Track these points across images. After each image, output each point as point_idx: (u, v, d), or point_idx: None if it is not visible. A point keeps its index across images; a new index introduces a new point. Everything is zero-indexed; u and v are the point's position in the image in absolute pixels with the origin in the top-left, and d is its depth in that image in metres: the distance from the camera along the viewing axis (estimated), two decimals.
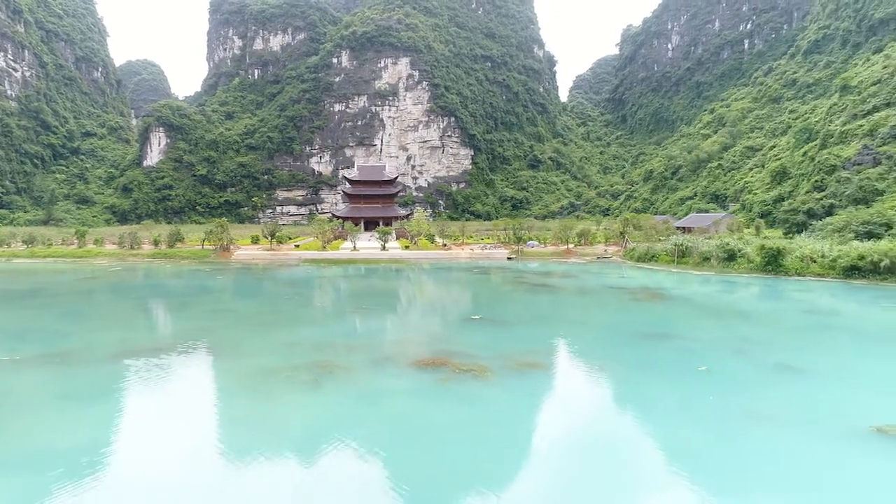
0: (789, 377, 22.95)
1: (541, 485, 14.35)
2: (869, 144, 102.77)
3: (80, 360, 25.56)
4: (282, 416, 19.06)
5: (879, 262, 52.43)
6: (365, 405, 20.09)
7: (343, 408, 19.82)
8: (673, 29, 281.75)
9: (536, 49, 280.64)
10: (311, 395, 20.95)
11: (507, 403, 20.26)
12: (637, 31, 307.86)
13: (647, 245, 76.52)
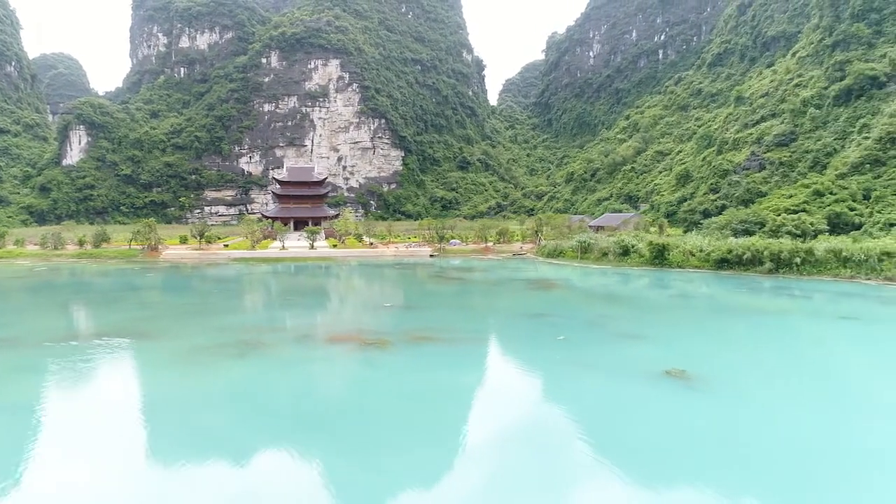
0: (624, 341, 29.15)
1: (422, 418, 19.51)
2: (756, 151, 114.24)
3: (24, 344, 28.86)
4: (210, 378, 23.40)
5: (743, 255, 60.85)
6: (282, 369, 24.74)
7: (263, 372, 24.37)
8: (594, 38, 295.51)
9: (465, 54, 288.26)
10: (237, 363, 25.35)
11: (400, 364, 25.36)
12: (561, 38, 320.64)
13: (556, 243, 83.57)
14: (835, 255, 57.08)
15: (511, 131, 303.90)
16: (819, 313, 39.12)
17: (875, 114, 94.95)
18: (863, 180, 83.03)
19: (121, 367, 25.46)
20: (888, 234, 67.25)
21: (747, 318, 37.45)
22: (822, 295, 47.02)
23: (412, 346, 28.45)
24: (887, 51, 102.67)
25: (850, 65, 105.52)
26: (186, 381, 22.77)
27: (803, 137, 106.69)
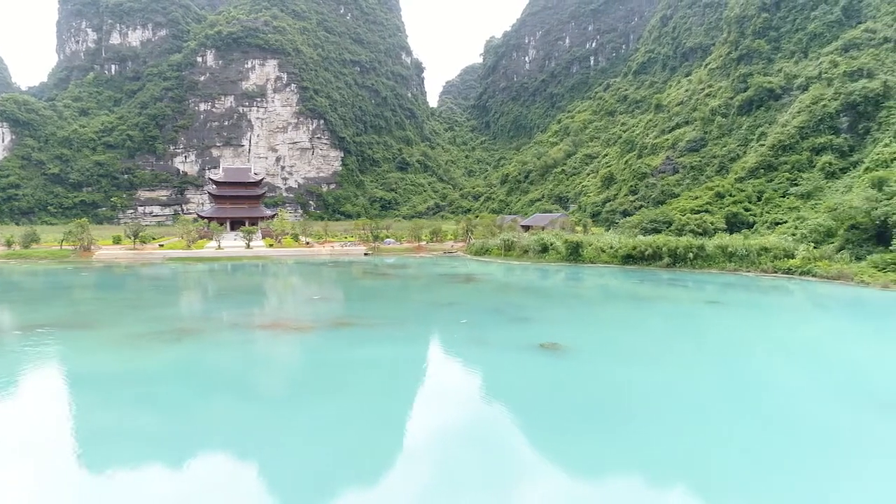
0: (517, 323, 34.03)
1: (335, 383, 23.57)
2: (671, 156, 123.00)
3: None
4: (149, 357, 26.72)
5: (645, 251, 67.47)
6: (214, 349, 28.30)
7: (196, 352, 27.87)
8: (530, 43, 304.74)
9: (404, 56, 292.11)
10: (174, 346, 28.72)
11: (318, 344, 29.32)
12: (498, 43, 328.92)
13: (483, 241, 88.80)
14: (722, 251, 64.31)
15: (450, 133, 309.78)
16: (691, 299, 45.32)
17: (772, 123, 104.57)
18: (757, 183, 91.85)
19: (63, 350, 28.36)
20: (773, 232, 75.37)
21: (630, 304, 43.20)
22: (703, 284, 53.62)
23: (332, 330, 32.42)
24: (783, 66, 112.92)
25: (752, 77, 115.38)
26: (127, 360, 26.01)
27: (712, 143, 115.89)
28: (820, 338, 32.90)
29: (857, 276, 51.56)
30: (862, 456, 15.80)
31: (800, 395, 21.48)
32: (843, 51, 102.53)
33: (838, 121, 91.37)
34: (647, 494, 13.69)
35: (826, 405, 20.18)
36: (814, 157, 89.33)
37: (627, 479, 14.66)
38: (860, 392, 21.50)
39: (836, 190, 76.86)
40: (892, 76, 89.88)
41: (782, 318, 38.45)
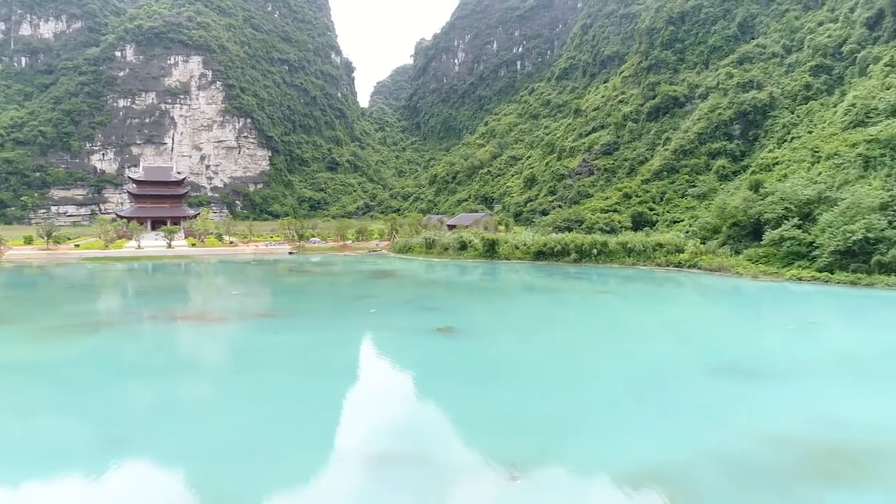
0: (422, 312, 37.21)
1: (247, 364, 25.89)
2: (587, 158, 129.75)
3: None
4: (66, 346, 28.17)
5: (555, 248, 72.27)
6: (131, 339, 30.00)
7: (114, 341, 29.49)
8: (459, 46, 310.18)
9: (334, 55, 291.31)
10: (91, 336, 30.20)
11: (235, 332, 31.46)
12: (429, 45, 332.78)
13: (406, 240, 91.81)
14: (622, 247, 69.83)
15: (381, 133, 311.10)
16: (586, 290, 49.93)
17: (675, 129, 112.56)
18: (660, 185, 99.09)
19: None
20: (672, 229, 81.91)
21: (531, 294, 47.28)
22: (603, 277, 58.53)
23: (250, 320, 34.59)
24: (687, 76, 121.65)
25: (660, 86, 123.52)
26: (43, 349, 27.40)
27: (623, 147, 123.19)
28: (683, 318, 37.72)
29: (734, 268, 57.76)
30: (687, 404, 19.69)
31: (649, 361, 25.51)
32: (738, 63, 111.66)
33: (732, 128, 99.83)
34: (516, 437, 16.89)
35: (670, 369, 24.20)
36: (710, 161, 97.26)
37: (497, 425, 17.87)
38: (702, 360, 25.78)
39: (727, 191, 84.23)
40: (778, 88, 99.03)
41: (656, 304, 43.39)
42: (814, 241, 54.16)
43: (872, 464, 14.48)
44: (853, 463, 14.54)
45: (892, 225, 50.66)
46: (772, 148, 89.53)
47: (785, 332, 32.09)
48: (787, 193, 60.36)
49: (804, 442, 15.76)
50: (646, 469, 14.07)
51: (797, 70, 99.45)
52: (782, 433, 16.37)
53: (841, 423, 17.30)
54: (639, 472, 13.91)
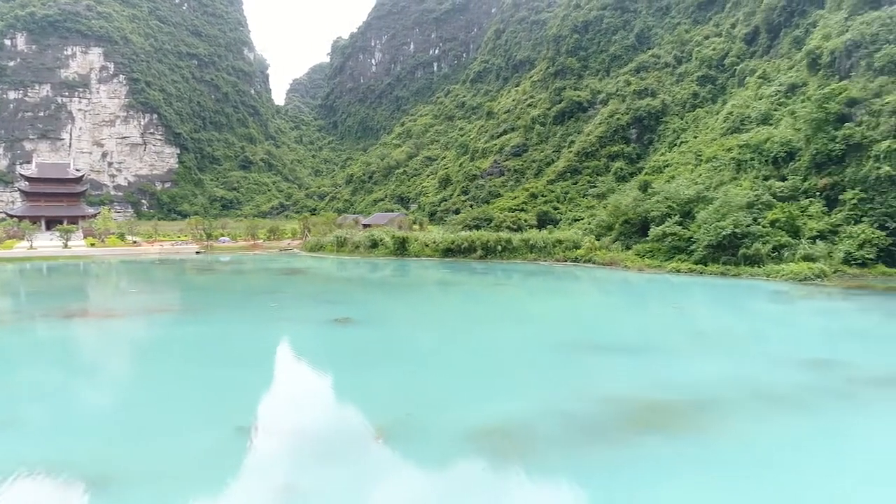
0: (323, 305, 38.42)
1: (145, 357, 26.29)
2: (498, 159, 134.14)
3: None
4: None
5: (462, 245, 74.92)
6: (18, 333, 29.55)
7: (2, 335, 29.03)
8: (376, 46, 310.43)
9: (247, 51, 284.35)
10: None
11: (129, 326, 31.56)
12: (345, 43, 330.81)
13: (318, 238, 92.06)
14: (525, 244, 73.41)
15: (297, 132, 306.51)
16: (484, 283, 52.67)
17: (579, 132, 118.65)
18: (564, 185, 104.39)
19: None
20: (573, 227, 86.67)
21: (432, 288, 49.43)
22: (506, 272, 61.58)
23: (145, 316, 34.62)
24: (590, 82, 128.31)
25: (565, 91, 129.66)
26: None
27: (532, 149, 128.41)
28: (566, 306, 40.90)
29: (623, 262, 62.33)
30: (544, 375, 22.12)
31: (525, 341, 28.00)
32: (635, 72, 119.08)
33: (629, 132, 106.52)
34: (389, 407, 18.60)
35: (541, 347, 26.70)
36: (609, 163, 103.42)
37: (374, 399, 19.56)
38: (571, 339, 28.53)
39: (623, 192, 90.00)
40: (669, 96, 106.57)
41: (546, 294, 46.62)
42: (692, 237, 59.35)
43: (686, 415, 17.27)
44: (670, 414, 17.29)
45: (757, 221, 56.42)
46: (663, 151, 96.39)
47: (651, 316, 35.72)
48: (671, 193, 65.73)
49: (633, 400, 18.45)
50: (492, 425, 16.20)
51: (686, 80, 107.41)
52: (616, 394, 19.03)
53: (669, 385, 20.21)
54: (486, 427, 16.02)
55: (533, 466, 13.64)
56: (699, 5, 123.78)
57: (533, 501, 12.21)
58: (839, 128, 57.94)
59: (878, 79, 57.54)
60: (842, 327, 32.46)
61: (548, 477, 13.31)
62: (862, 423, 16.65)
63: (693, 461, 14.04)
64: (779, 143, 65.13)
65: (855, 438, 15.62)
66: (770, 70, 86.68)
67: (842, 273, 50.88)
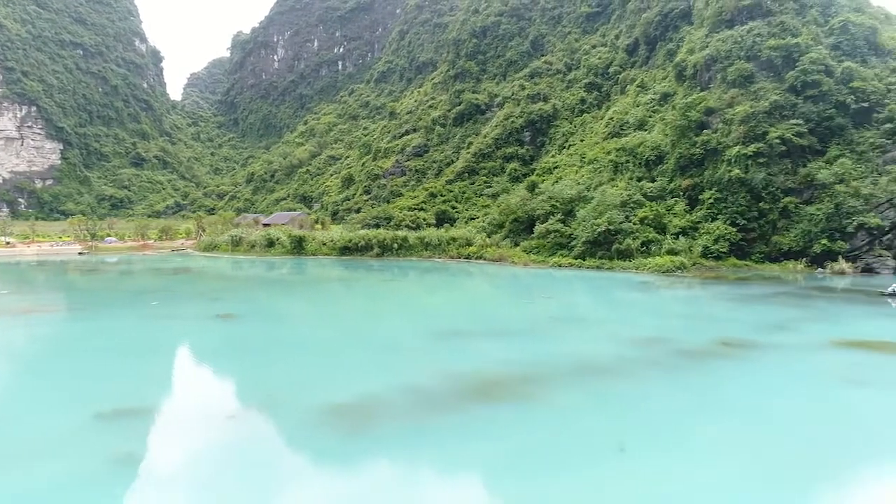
0: (208, 302, 38.56)
1: (15, 354, 25.73)
2: (400, 159, 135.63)
3: None
4: None
5: (359, 243, 76.04)
6: None
7: None
8: (278, 42, 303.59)
9: (138, 43, 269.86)
10: None
11: (5, 326, 30.63)
12: (246, 38, 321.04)
13: (212, 238, 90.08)
14: (420, 241, 75.61)
15: (195, 128, 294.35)
16: (376, 280, 54.22)
17: (477, 134, 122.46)
18: (462, 185, 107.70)
19: None
20: (469, 225, 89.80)
21: (321, 285, 50.41)
22: (402, 269, 63.36)
23: (15, 317, 33.49)
24: (487, 85, 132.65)
25: (464, 94, 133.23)
26: None
27: (433, 150, 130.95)
28: (447, 299, 43.19)
29: (511, 258, 65.83)
30: (402, 357, 23.91)
31: (398, 330, 29.80)
32: (529, 77, 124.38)
33: (523, 135, 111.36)
34: (252, 391, 19.66)
35: (409, 335, 28.57)
36: (504, 164, 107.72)
37: (239, 384, 20.58)
38: (441, 327, 30.58)
39: (515, 192, 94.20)
40: (560, 101, 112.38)
41: (432, 289, 48.88)
42: (572, 234, 63.65)
43: (517, 386, 19.57)
44: (503, 386, 19.55)
45: (628, 219, 61.38)
46: (554, 153, 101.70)
47: (522, 305, 38.64)
48: (555, 193, 70.01)
49: (477, 376, 20.63)
50: (348, 402, 17.79)
51: (575, 86, 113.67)
52: (465, 372, 21.17)
53: (513, 362, 22.61)
54: (341, 404, 17.59)
55: (372, 432, 15.38)
56: (588, 16, 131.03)
57: (366, 462, 13.88)
58: (699, 134, 64.12)
59: (731, 90, 64.17)
60: (682, 311, 36.67)
61: (382, 440, 15.07)
62: (662, 386, 19.65)
63: (508, 423, 16.25)
64: (650, 147, 70.96)
65: (652, 398, 18.49)
66: (647, 79, 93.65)
67: (700, 265, 56.49)
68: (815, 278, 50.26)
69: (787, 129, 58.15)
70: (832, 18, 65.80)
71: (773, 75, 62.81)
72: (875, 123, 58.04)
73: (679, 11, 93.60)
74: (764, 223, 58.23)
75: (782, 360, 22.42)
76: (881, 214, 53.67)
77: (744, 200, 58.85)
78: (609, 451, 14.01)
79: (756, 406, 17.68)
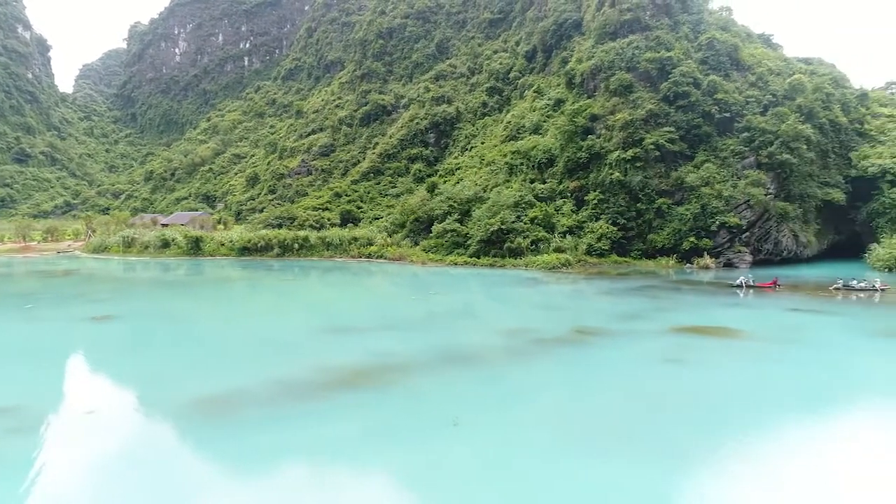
0: (85, 305, 37.64)
1: None
2: (306, 159, 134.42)
3: None
4: None
5: (259, 244, 75.29)
6: None
7: None
8: (180, 35, 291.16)
9: (21, 30, 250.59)
10: None
11: None
12: (145, 29, 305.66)
13: (102, 239, 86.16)
14: (322, 241, 75.94)
15: (87, 123, 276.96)
16: (271, 279, 54.36)
17: (383, 135, 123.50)
18: (368, 185, 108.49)
19: None
20: (373, 225, 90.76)
21: (211, 286, 50.10)
22: (304, 269, 63.49)
23: None
24: (394, 87, 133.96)
25: (371, 94, 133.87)
26: None
27: (339, 149, 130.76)
28: (338, 297, 44.29)
29: (410, 257, 67.54)
30: (280, 351, 24.83)
31: (284, 327, 30.55)
32: (435, 80, 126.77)
33: (427, 136, 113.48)
34: (118, 387, 19.99)
35: (294, 331, 29.44)
36: (409, 165, 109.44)
37: (106, 381, 20.83)
38: (327, 323, 31.63)
39: (418, 192, 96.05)
40: (463, 104, 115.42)
41: (326, 287, 49.76)
42: (468, 233, 66.16)
43: (379, 375, 21.08)
44: (367, 375, 21.01)
45: (520, 219, 64.58)
46: (457, 155, 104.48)
47: (411, 302, 40.33)
48: (453, 194, 72.36)
49: (344, 367, 21.97)
50: (212, 394, 18.66)
51: (478, 89, 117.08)
52: (336, 364, 22.46)
53: (382, 354, 24.15)
54: (205, 396, 18.43)
55: (230, 419, 16.40)
56: (490, 22, 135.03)
57: (221, 445, 14.90)
58: (585, 139, 68.32)
59: (613, 99, 68.84)
60: (554, 304, 39.60)
61: (240, 425, 16.12)
62: (511, 370, 21.81)
63: (364, 406, 17.75)
64: (542, 150, 74.72)
65: (498, 380, 20.56)
66: (544, 85, 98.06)
67: (584, 262, 60.41)
68: (684, 273, 55.18)
69: (661, 135, 63.23)
70: (701, 35, 71.92)
71: (650, 86, 67.97)
72: (735, 132, 64.18)
73: (572, 22, 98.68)
74: (641, 222, 63.05)
75: (621, 345, 25.25)
76: (740, 214, 59.57)
77: (623, 201, 63.44)
78: (444, 426, 15.78)
79: (582, 383, 20.15)
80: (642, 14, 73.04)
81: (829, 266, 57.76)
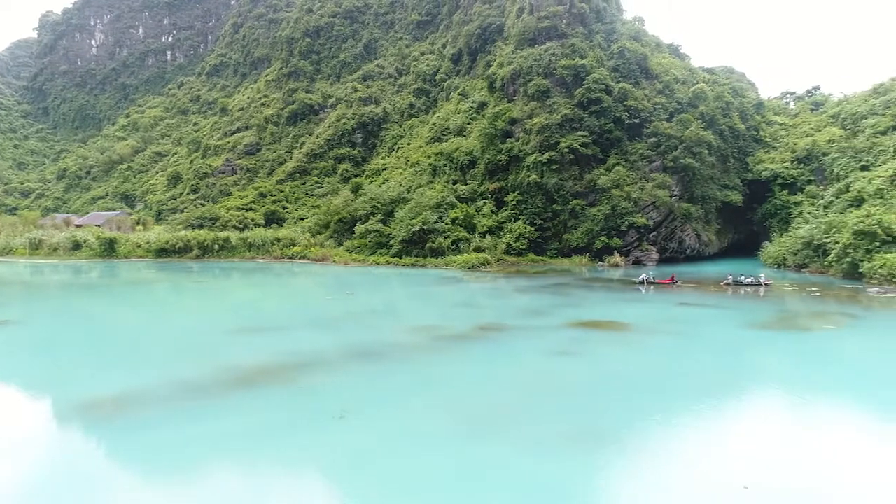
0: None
1: None
2: (231, 158, 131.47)
3: None
4: None
5: (177, 245, 73.60)
6: None
7: None
8: (96, 26, 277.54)
9: None
10: None
11: None
12: (57, 19, 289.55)
13: (6, 240, 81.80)
14: (244, 242, 75.03)
15: None
16: (186, 281, 53.51)
17: (310, 134, 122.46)
18: (293, 185, 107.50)
19: None
20: (298, 225, 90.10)
21: (119, 288, 49.01)
22: (224, 270, 62.71)
23: None
24: (321, 86, 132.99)
25: (298, 93, 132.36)
26: None
27: (265, 148, 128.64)
28: (251, 297, 44.27)
29: (333, 257, 67.77)
30: (186, 351, 24.93)
31: (195, 328, 30.48)
32: (362, 80, 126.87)
33: (355, 136, 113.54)
34: (39, 389, 19.75)
35: (205, 332, 29.41)
36: (336, 165, 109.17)
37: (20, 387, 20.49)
38: (238, 324, 31.72)
39: (342, 193, 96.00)
40: (391, 105, 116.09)
41: (240, 289, 49.53)
42: (391, 234, 67.05)
43: (282, 373, 21.56)
44: (270, 374, 21.50)
45: (441, 219, 66.00)
46: (384, 156, 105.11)
47: (327, 302, 40.85)
48: (376, 194, 73.08)
49: (250, 366, 22.40)
50: (108, 395, 18.74)
51: (405, 90, 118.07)
52: (240, 363, 22.84)
53: (287, 353, 24.65)
54: (100, 397, 18.54)
55: (121, 418, 16.68)
56: (418, 24, 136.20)
57: (112, 443, 15.21)
58: (504, 142, 70.51)
59: (531, 103, 71.35)
60: (466, 301, 41.07)
61: (131, 423, 16.43)
62: (408, 365, 22.88)
63: (259, 403, 18.31)
64: (465, 152, 76.48)
65: (393, 375, 21.56)
66: (468, 88, 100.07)
67: (503, 261, 62.47)
68: (596, 270, 58.01)
69: (575, 139, 66.09)
70: (613, 44, 75.50)
71: (565, 91, 70.86)
72: (644, 137, 67.90)
73: (495, 27, 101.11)
74: (557, 223, 65.77)
75: (518, 340, 26.81)
76: (647, 215, 63.11)
77: (540, 202, 65.98)
78: (331, 419, 16.65)
79: (474, 376, 21.45)
80: (559, 22, 75.88)
81: (728, 263, 62.03)
